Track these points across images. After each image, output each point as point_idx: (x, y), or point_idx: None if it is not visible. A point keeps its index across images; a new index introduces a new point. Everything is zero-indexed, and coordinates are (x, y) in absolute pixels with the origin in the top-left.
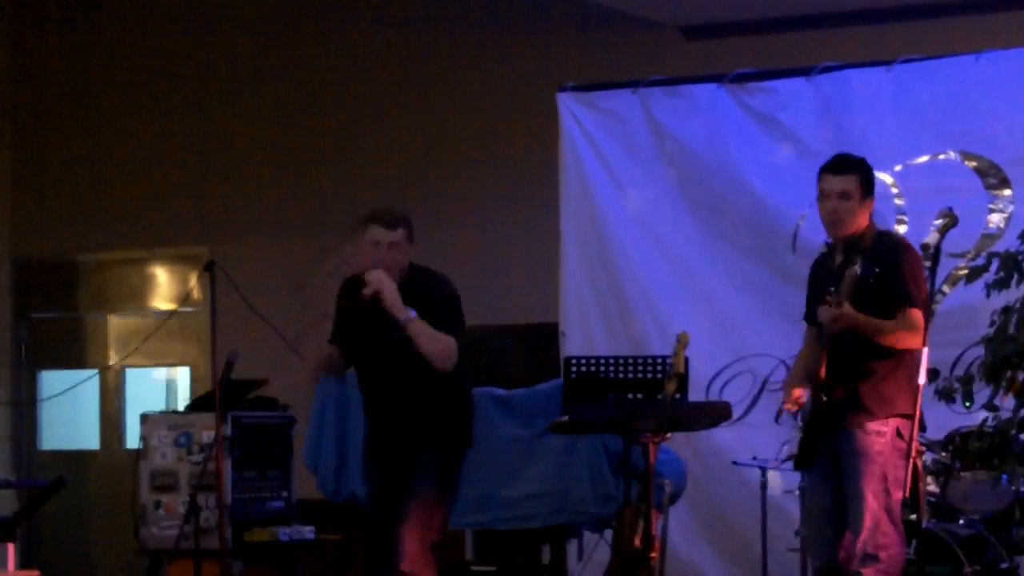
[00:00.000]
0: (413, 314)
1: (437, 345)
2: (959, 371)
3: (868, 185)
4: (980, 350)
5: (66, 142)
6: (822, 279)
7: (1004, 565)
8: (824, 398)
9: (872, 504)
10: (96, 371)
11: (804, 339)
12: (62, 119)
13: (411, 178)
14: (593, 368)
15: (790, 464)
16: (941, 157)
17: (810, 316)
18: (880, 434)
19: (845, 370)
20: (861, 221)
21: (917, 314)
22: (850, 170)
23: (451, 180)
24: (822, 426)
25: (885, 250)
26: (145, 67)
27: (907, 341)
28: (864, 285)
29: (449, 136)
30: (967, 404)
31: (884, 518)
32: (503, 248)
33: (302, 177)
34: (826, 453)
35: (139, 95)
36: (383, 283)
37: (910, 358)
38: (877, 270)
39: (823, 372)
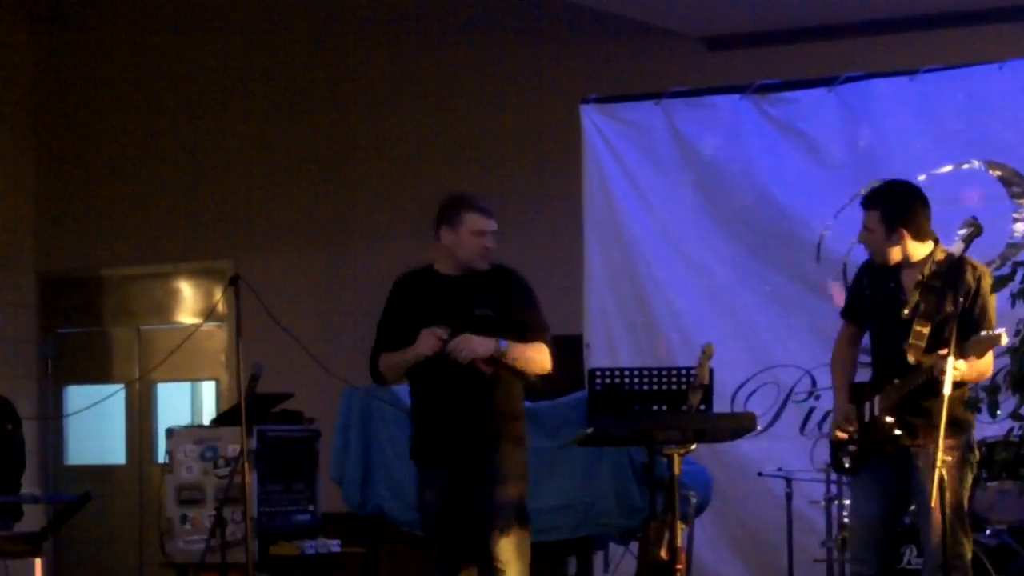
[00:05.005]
0: (504, 344)
1: (538, 359)
2: (984, 381)
3: None
4: (1005, 360)
5: (90, 157)
6: (884, 289)
7: None
8: (894, 425)
9: (950, 516)
10: (122, 385)
11: (841, 337)
12: (85, 135)
13: (434, 188)
14: (618, 380)
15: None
16: (965, 166)
17: (854, 315)
18: (955, 448)
19: (922, 393)
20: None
21: None
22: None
23: (474, 190)
24: (883, 439)
25: (972, 276)
26: (169, 82)
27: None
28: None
29: (473, 146)
30: (996, 413)
31: (961, 527)
32: (525, 259)
33: (326, 188)
34: (885, 465)
35: (162, 110)
36: (468, 347)
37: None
38: (960, 299)
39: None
